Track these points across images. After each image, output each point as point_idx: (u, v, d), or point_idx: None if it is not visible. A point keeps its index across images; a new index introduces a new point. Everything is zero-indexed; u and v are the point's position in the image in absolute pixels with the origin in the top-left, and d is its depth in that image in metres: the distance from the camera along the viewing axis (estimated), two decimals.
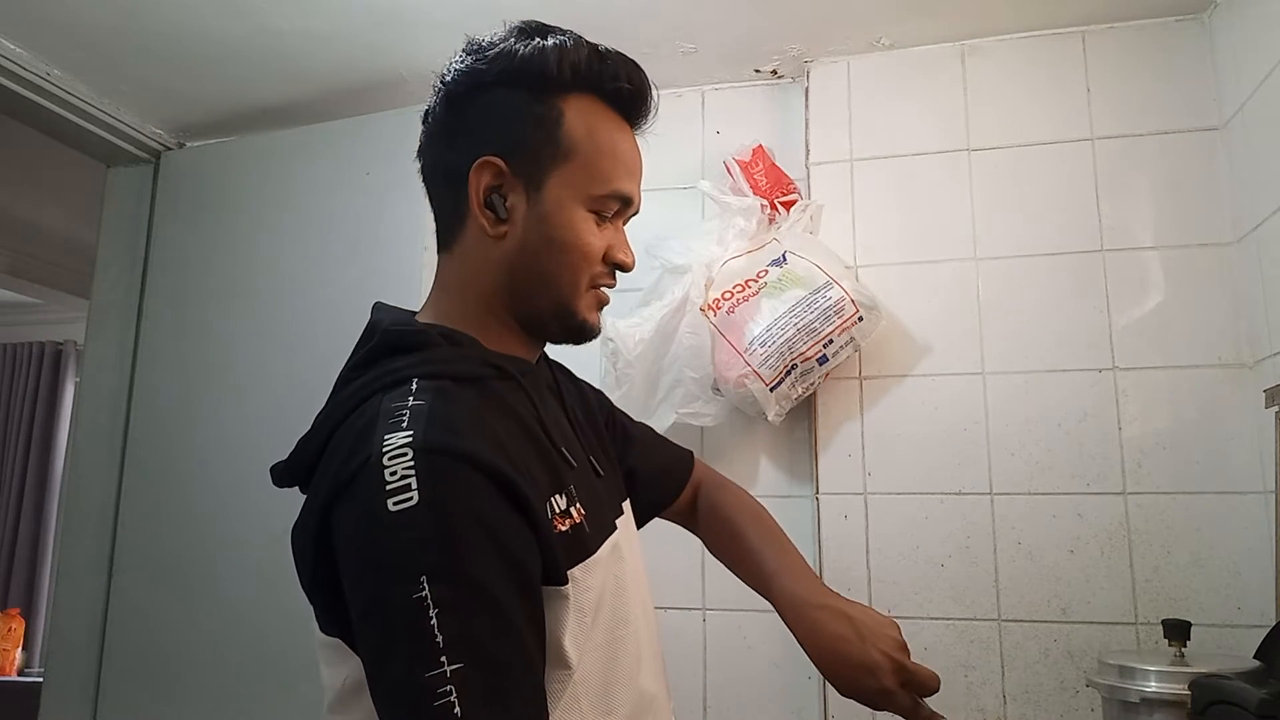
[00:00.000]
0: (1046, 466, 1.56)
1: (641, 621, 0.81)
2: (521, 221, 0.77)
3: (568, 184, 0.77)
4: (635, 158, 0.82)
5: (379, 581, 0.61)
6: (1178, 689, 1.11)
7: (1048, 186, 1.65)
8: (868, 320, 1.59)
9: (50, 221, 3.08)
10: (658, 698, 0.82)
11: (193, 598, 1.87)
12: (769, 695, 1.65)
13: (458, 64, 0.80)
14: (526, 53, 0.76)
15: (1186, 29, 1.63)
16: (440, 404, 0.67)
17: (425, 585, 0.59)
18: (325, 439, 0.71)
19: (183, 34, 1.72)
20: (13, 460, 4.36)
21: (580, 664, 0.71)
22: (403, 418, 0.65)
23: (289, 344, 1.91)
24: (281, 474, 0.75)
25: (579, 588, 0.71)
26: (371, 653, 0.61)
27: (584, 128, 0.77)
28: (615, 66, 0.79)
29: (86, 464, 2.06)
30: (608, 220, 0.80)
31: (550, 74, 0.76)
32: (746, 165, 1.74)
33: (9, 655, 3.90)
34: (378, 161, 1.92)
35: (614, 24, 1.65)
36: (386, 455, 0.62)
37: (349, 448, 0.66)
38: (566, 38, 0.78)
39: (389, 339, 0.75)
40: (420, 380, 0.70)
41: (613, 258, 0.80)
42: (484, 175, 0.76)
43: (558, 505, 0.72)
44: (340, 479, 0.65)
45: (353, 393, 0.72)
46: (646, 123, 0.83)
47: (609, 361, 1.70)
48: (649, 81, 0.81)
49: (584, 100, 0.78)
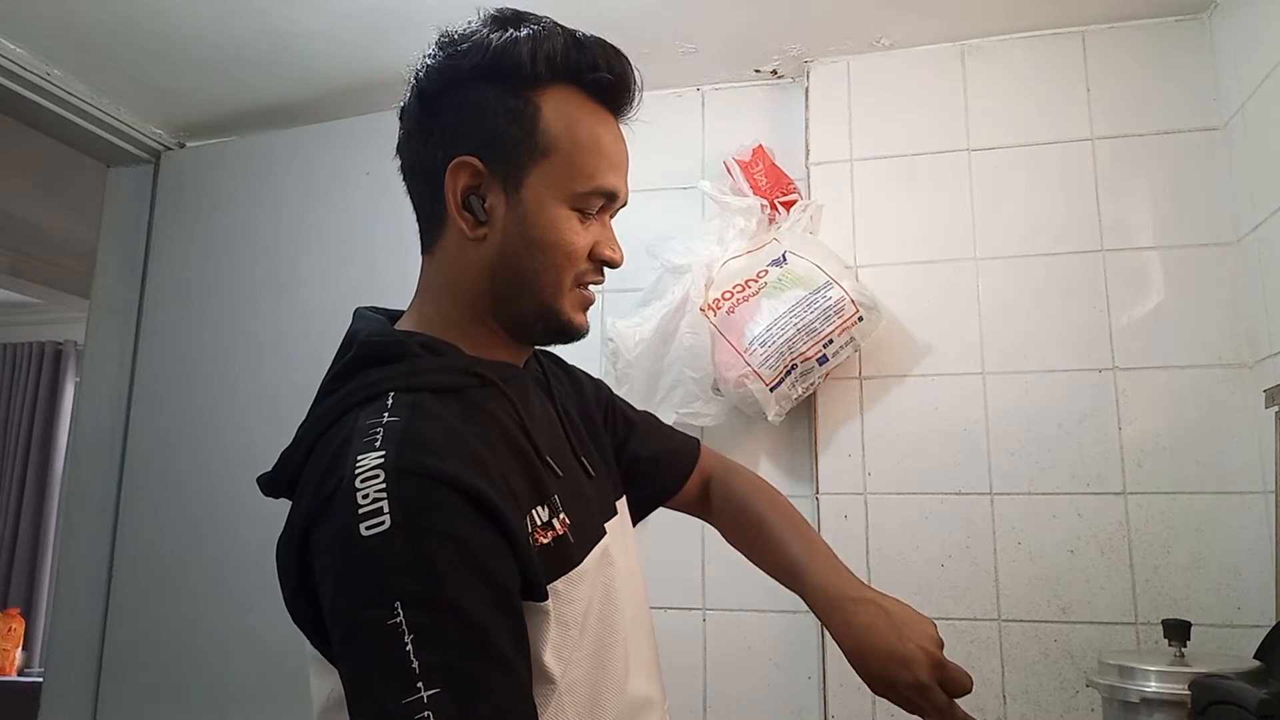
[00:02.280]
0: (1046, 466, 1.56)
1: (633, 624, 0.80)
2: (501, 223, 0.74)
3: (548, 182, 0.74)
4: (619, 150, 0.78)
5: (354, 607, 0.60)
6: (1178, 689, 1.11)
7: (1048, 187, 1.65)
8: (868, 320, 1.59)
9: (50, 221, 3.08)
10: (651, 699, 0.81)
11: (193, 598, 1.87)
12: (769, 695, 1.65)
13: (429, 58, 0.77)
14: (500, 45, 0.73)
15: (1186, 29, 1.63)
16: (415, 420, 0.66)
17: (400, 611, 0.58)
18: (306, 454, 0.70)
19: (183, 34, 1.72)
20: (13, 460, 4.36)
21: (565, 675, 0.69)
22: (375, 436, 0.64)
23: (289, 344, 1.91)
24: (267, 485, 0.74)
25: (561, 600, 0.70)
26: (350, 678, 0.61)
27: (563, 122, 0.74)
28: (594, 55, 0.75)
29: (86, 464, 2.06)
30: (592, 216, 0.77)
31: (525, 67, 0.73)
32: (746, 165, 1.74)
33: (9, 655, 3.91)
34: (378, 161, 1.90)
35: (614, 24, 1.65)
36: (359, 478, 0.61)
37: (324, 468, 0.65)
38: (541, 26, 0.74)
39: (365, 350, 0.73)
40: (396, 394, 0.68)
41: (599, 254, 0.77)
42: (460, 176, 0.74)
43: (539, 518, 0.70)
44: (316, 501, 0.64)
45: (330, 407, 0.71)
46: (630, 111, 0.79)
47: (609, 361, 1.70)
48: (632, 68, 0.77)
49: (562, 92, 0.74)
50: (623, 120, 0.80)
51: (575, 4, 1.59)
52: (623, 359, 1.66)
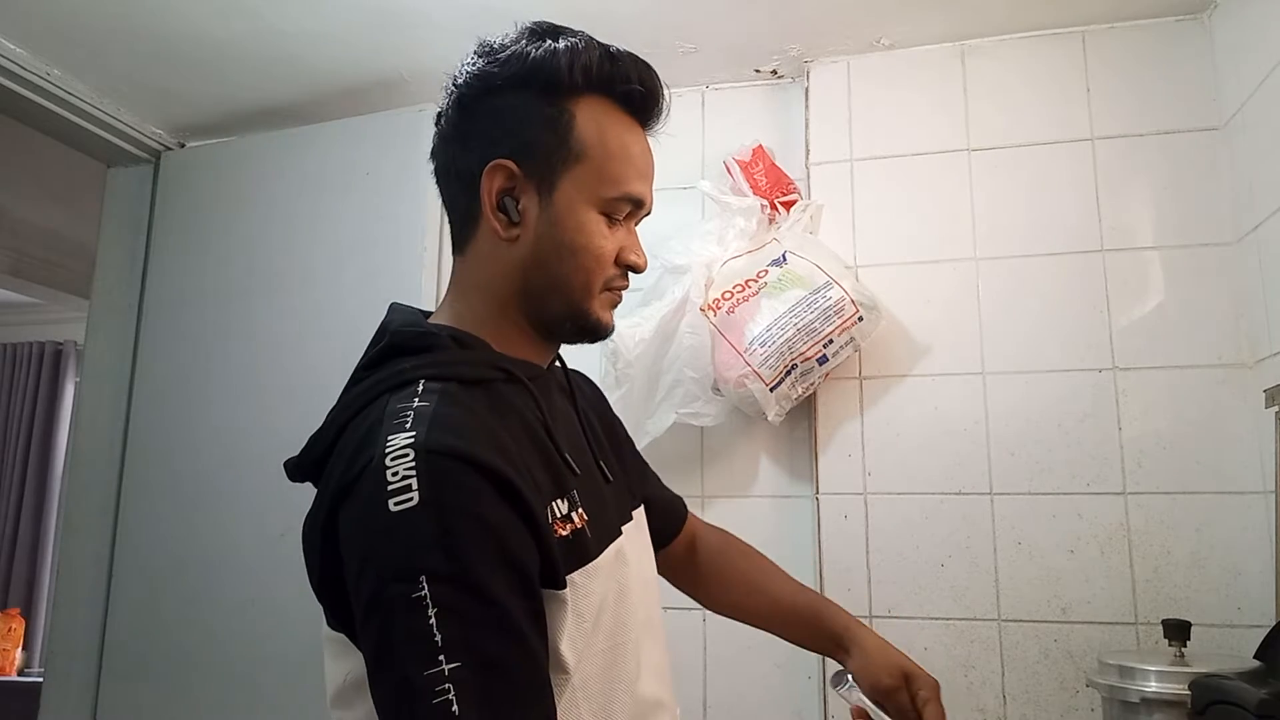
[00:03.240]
0: (1046, 466, 1.56)
1: (645, 628, 0.81)
2: (534, 224, 0.77)
3: (579, 186, 0.77)
4: (647, 159, 0.82)
5: (379, 581, 0.61)
6: (1178, 689, 1.11)
7: (1048, 186, 1.65)
8: (868, 320, 1.59)
9: (50, 221, 3.08)
10: (662, 703, 0.82)
11: (193, 598, 1.87)
12: (769, 696, 1.65)
13: (469, 66, 0.80)
14: (538, 55, 0.77)
15: (1186, 29, 1.63)
16: (444, 406, 0.68)
17: (425, 585, 0.59)
18: (334, 437, 0.72)
19: (183, 34, 1.72)
20: (13, 460, 4.36)
21: (579, 669, 0.71)
22: (406, 419, 0.66)
23: (288, 344, 1.91)
24: (294, 470, 0.76)
25: (578, 593, 0.71)
26: (372, 651, 0.62)
27: (595, 130, 0.77)
28: (626, 68, 0.79)
29: (86, 464, 2.06)
30: (619, 222, 0.80)
31: (561, 76, 0.76)
32: (746, 165, 1.74)
33: (9, 655, 3.91)
34: (378, 161, 1.92)
35: (614, 24, 1.65)
36: (389, 456, 0.63)
37: (354, 448, 0.67)
38: (578, 39, 0.78)
39: (398, 340, 0.76)
40: (427, 382, 0.71)
41: (625, 259, 0.81)
42: (496, 178, 0.77)
43: (559, 510, 0.72)
44: (345, 479, 0.66)
45: (361, 392, 0.73)
46: (658, 124, 0.83)
47: (609, 361, 1.70)
48: (661, 83, 0.82)
49: (595, 102, 0.78)
50: (650, 132, 0.83)
51: (577, 4, 1.59)
52: (623, 359, 1.66)
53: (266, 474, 1.91)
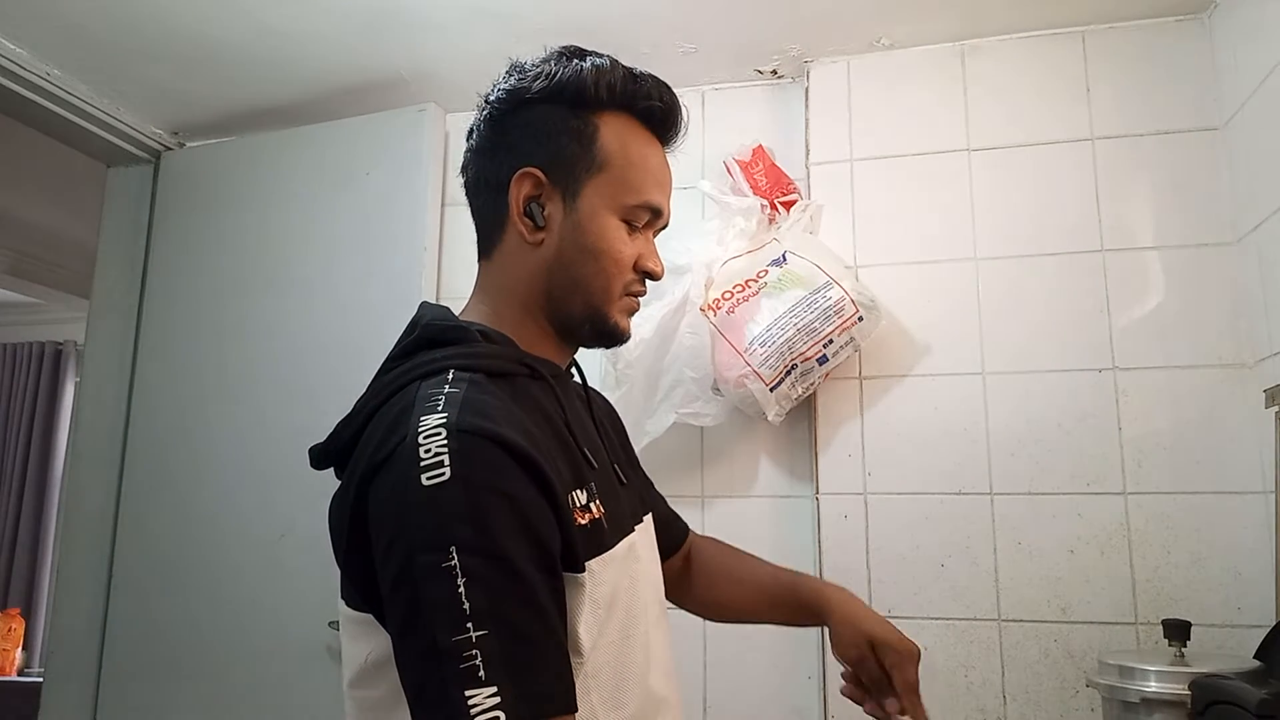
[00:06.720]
0: (1046, 466, 1.56)
1: (654, 624, 0.83)
2: (558, 229, 0.82)
3: (602, 194, 0.81)
4: (665, 172, 0.87)
5: (410, 551, 0.63)
6: (1178, 689, 1.11)
7: (1048, 186, 1.65)
8: (868, 320, 1.59)
9: (50, 221, 3.08)
10: (668, 700, 0.83)
11: (193, 598, 1.87)
12: (769, 695, 1.65)
13: (501, 84, 0.85)
14: (566, 73, 0.82)
15: (1186, 29, 1.63)
16: (474, 392, 0.71)
17: (454, 555, 0.62)
18: (363, 423, 0.74)
19: (183, 34, 1.72)
20: (13, 460, 4.36)
21: (591, 655, 0.73)
22: (439, 402, 0.69)
23: (288, 344, 1.91)
24: (319, 456, 0.78)
25: (595, 580, 0.73)
26: (399, 620, 0.64)
27: (618, 142, 0.82)
28: (648, 87, 0.84)
29: (86, 464, 2.06)
30: (638, 230, 0.84)
31: (587, 92, 0.81)
32: (746, 165, 1.74)
33: (9, 655, 3.91)
34: (378, 161, 1.92)
35: (615, 24, 1.64)
36: (422, 434, 0.66)
37: (386, 429, 0.70)
38: (604, 60, 0.84)
39: (429, 332, 0.79)
40: (456, 371, 0.74)
41: (642, 266, 0.84)
42: (524, 185, 0.81)
43: (578, 499, 0.75)
44: (377, 458, 0.68)
45: (391, 380, 0.76)
46: (677, 140, 0.88)
47: (609, 362, 1.70)
48: (679, 102, 0.87)
49: (618, 117, 0.83)
50: (668, 148, 0.88)
51: (577, 5, 1.59)
52: (623, 359, 1.66)
53: (266, 474, 1.93)
